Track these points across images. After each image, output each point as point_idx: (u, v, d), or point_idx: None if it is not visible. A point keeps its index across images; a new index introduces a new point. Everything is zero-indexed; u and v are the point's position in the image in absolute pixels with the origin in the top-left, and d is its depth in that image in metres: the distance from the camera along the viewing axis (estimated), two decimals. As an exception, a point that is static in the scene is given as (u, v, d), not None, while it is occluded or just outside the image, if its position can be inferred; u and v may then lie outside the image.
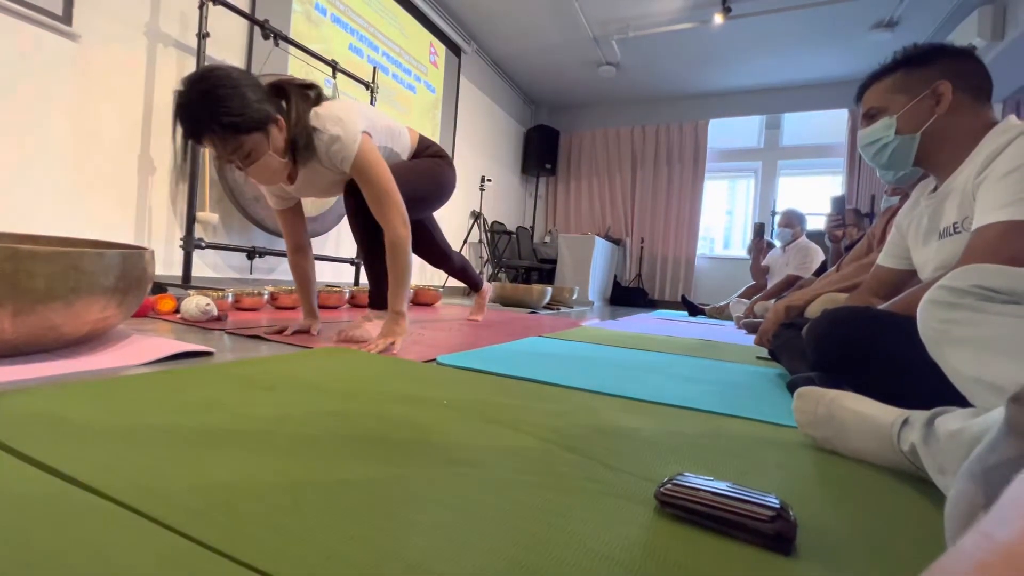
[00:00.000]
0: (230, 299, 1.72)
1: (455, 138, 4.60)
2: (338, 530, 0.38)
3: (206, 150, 2.25)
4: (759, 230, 3.85)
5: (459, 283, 4.66)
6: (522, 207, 6.24)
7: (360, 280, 3.22)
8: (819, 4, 3.71)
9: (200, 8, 2.14)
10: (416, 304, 2.88)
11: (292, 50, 2.77)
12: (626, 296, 5.53)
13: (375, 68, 3.18)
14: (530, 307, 3.37)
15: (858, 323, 0.89)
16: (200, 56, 2.16)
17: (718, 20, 3.84)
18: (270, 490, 0.44)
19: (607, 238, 5.52)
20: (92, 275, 0.87)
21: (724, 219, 5.91)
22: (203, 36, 2.14)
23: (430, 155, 1.61)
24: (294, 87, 1.24)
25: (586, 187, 6.09)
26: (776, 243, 3.60)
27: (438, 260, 1.96)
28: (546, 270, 5.22)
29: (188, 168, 2.25)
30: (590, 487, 0.51)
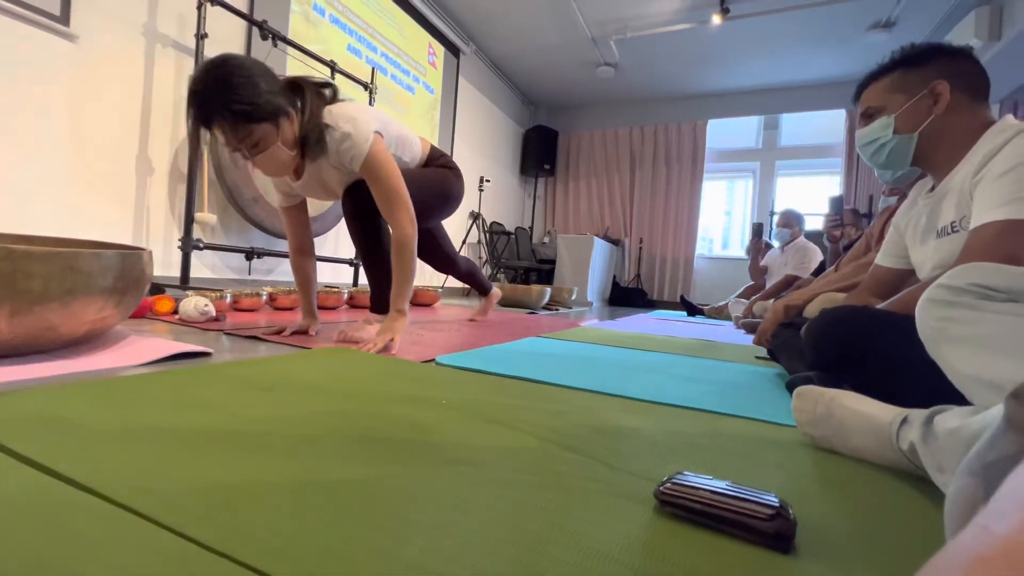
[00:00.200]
0: (228, 300, 1.71)
1: (454, 139, 4.60)
2: (337, 530, 0.38)
3: (204, 151, 2.25)
4: (758, 230, 3.86)
5: (458, 284, 4.68)
6: (521, 208, 6.24)
7: (359, 281, 3.22)
8: (817, 5, 3.72)
9: (198, 8, 2.14)
10: (415, 305, 2.88)
11: (290, 51, 2.77)
12: (625, 296, 5.53)
13: (373, 69, 3.18)
14: (529, 307, 3.37)
15: (856, 322, 0.89)
16: (198, 57, 2.15)
17: (716, 21, 3.85)
18: (269, 490, 0.44)
19: (606, 238, 5.52)
20: (89, 275, 0.87)
21: (723, 219, 5.92)
22: (201, 37, 2.14)
23: (439, 165, 1.62)
24: (310, 84, 1.25)
25: (585, 188, 6.09)
26: (774, 243, 3.61)
27: (445, 266, 1.96)
28: (545, 271, 5.22)
29: (188, 167, 2.24)
30: (590, 486, 0.50)
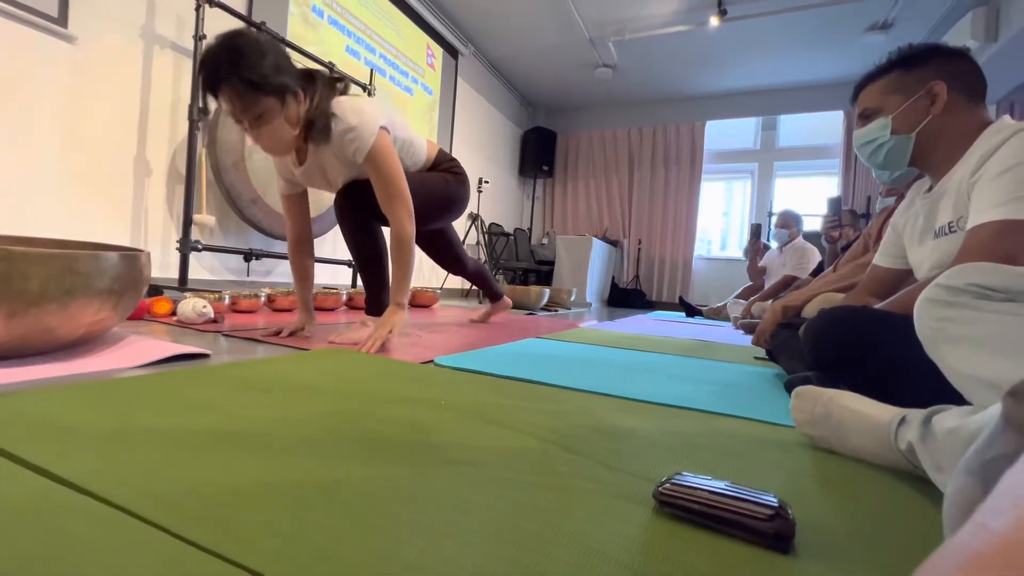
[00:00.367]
0: (227, 301, 1.71)
1: (452, 140, 4.60)
2: (336, 531, 0.38)
3: (202, 151, 2.24)
4: (756, 231, 3.86)
5: (457, 284, 4.68)
6: (519, 209, 6.25)
7: (357, 282, 3.22)
8: (814, 6, 3.73)
9: (197, 10, 2.14)
10: (414, 306, 2.88)
11: (289, 52, 2.77)
12: (624, 297, 5.53)
13: (372, 70, 3.18)
14: (528, 308, 3.37)
15: (855, 322, 0.89)
16: (196, 58, 2.15)
17: (714, 22, 3.86)
18: (268, 492, 0.43)
19: (604, 240, 5.52)
20: (87, 277, 0.87)
21: (721, 220, 5.93)
22: (199, 38, 2.14)
23: (443, 170, 1.62)
24: (323, 75, 1.29)
25: (583, 189, 6.10)
26: (773, 244, 3.61)
27: (453, 266, 1.97)
28: (544, 272, 5.22)
29: (186, 168, 2.24)
30: (589, 487, 0.50)
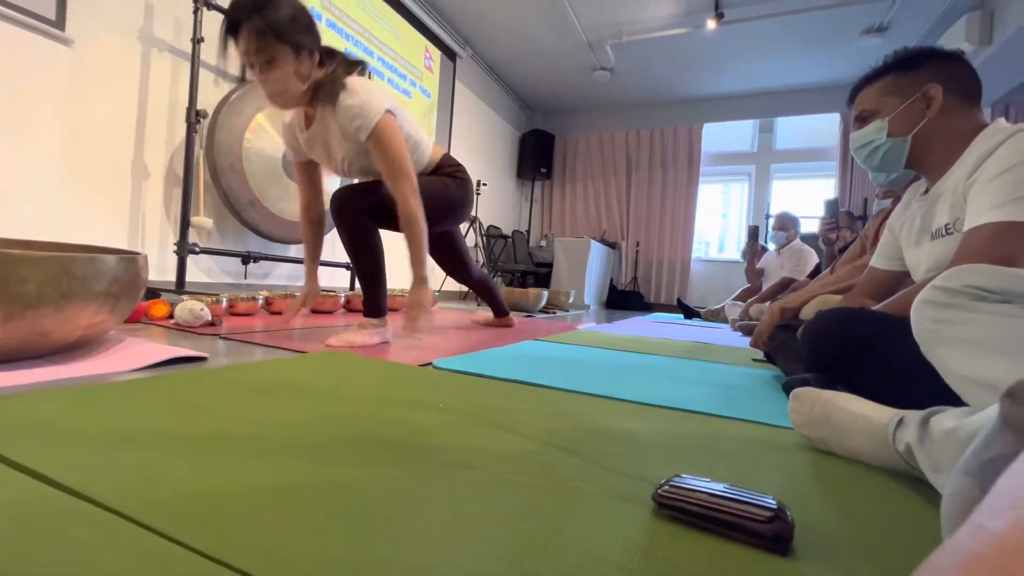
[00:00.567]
0: (224, 304, 1.71)
1: (450, 143, 4.61)
2: (334, 534, 0.38)
3: (200, 154, 2.24)
4: (753, 233, 3.87)
5: (455, 287, 4.67)
6: (518, 211, 6.25)
7: (356, 285, 3.21)
8: (811, 10, 3.75)
9: (195, 13, 2.14)
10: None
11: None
12: (622, 300, 5.54)
13: (370, 73, 3.18)
14: (526, 311, 3.37)
15: (852, 324, 0.89)
16: (194, 60, 2.15)
17: (711, 26, 3.88)
18: (264, 495, 0.43)
19: (603, 242, 5.53)
20: (84, 280, 0.86)
21: (719, 222, 5.94)
22: (197, 41, 2.14)
23: (444, 173, 1.62)
24: (344, 55, 1.34)
25: (581, 191, 6.11)
26: (770, 246, 3.62)
27: (456, 269, 1.94)
28: (542, 274, 5.22)
29: (183, 171, 2.23)
30: (587, 489, 0.50)
